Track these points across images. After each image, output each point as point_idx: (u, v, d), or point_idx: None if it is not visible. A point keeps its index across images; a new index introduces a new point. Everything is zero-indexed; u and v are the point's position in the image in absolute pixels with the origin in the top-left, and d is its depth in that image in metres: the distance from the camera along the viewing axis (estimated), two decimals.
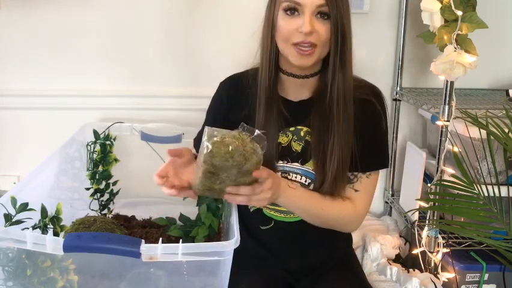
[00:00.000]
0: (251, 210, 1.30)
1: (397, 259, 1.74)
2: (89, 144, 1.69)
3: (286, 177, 1.24)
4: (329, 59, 1.13)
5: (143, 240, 0.95)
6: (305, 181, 1.24)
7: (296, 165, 1.24)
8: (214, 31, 1.86)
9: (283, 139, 1.24)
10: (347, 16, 1.10)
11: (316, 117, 1.19)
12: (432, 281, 1.50)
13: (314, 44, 1.08)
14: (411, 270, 1.58)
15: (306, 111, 1.21)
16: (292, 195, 1.16)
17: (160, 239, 1.00)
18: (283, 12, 1.10)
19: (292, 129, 1.24)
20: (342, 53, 1.10)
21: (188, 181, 1.09)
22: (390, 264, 1.57)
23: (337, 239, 1.33)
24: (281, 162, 1.24)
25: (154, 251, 0.94)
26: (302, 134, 1.23)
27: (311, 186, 1.24)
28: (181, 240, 1.02)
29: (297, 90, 1.23)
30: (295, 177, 1.24)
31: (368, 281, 1.33)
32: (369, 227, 1.88)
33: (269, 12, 1.14)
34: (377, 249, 1.60)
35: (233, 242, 0.98)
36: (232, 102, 1.29)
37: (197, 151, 1.14)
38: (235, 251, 0.99)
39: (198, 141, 1.24)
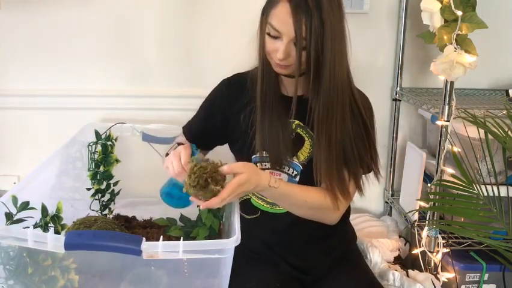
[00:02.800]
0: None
1: (397, 260, 1.74)
2: (91, 144, 1.69)
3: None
4: None
5: (144, 238, 0.95)
6: (292, 172, 1.29)
7: None
8: (214, 31, 1.86)
9: None
10: (331, 42, 1.11)
11: (305, 113, 1.22)
12: (432, 283, 1.50)
13: (287, 65, 1.18)
14: (411, 271, 1.58)
15: (299, 106, 1.23)
16: (274, 194, 1.18)
17: (161, 237, 1.00)
18: (268, 35, 1.17)
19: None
20: (316, 72, 1.14)
21: None
22: (391, 269, 1.57)
23: (332, 235, 1.33)
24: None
25: (155, 249, 0.94)
26: (293, 126, 1.28)
27: (297, 178, 1.28)
28: (181, 238, 1.03)
29: (293, 87, 1.25)
30: (283, 168, 1.28)
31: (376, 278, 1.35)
32: (370, 228, 1.88)
33: (260, 28, 1.20)
34: (377, 255, 1.59)
35: (233, 239, 0.98)
36: (233, 100, 1.33)
37: (187, 139, 1.38)
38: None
39: (188, 130, 1.39)
